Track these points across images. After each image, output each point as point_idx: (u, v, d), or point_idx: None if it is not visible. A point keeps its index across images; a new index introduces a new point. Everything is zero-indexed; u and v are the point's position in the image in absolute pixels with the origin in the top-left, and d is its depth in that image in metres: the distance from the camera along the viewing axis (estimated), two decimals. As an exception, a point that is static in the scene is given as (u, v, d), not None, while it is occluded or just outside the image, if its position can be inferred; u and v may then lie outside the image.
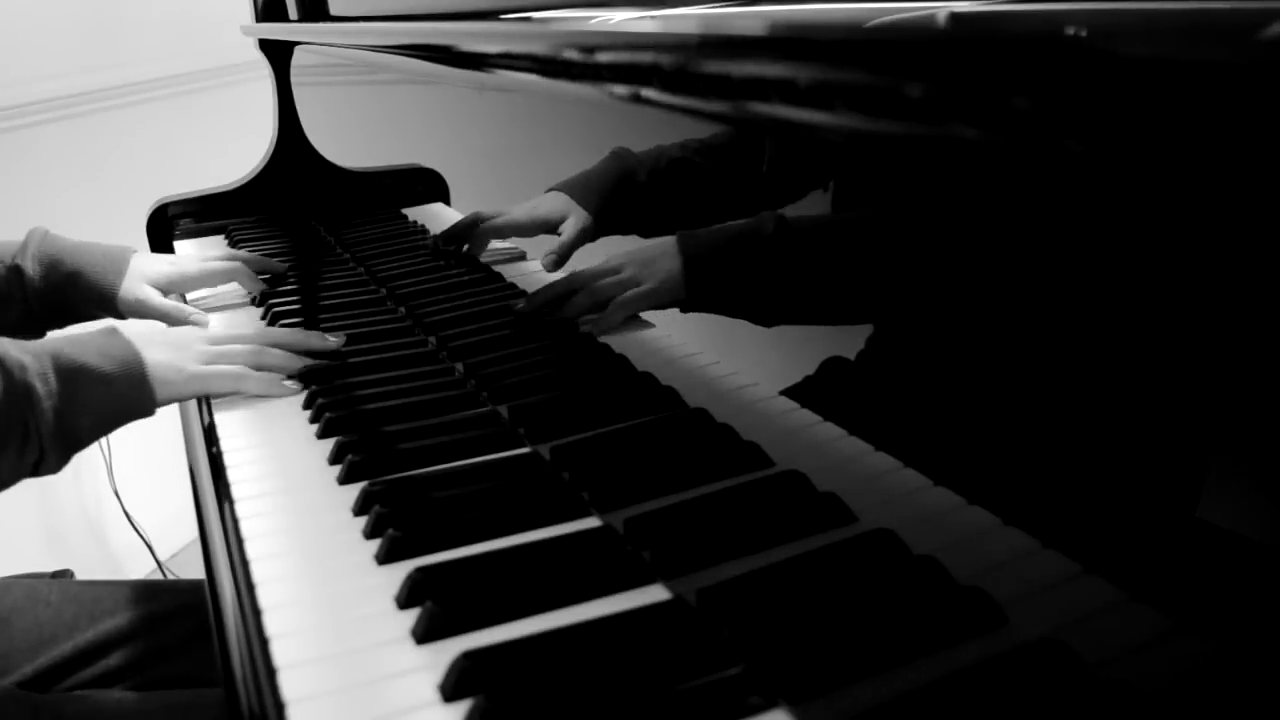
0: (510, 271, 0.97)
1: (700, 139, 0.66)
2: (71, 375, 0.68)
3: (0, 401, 0.65)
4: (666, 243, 0.71)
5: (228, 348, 0.78)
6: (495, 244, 1.01)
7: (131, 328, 0.78)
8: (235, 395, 0.77)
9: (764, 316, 0.63)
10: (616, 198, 0.77)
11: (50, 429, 0.67)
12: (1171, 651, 0.39)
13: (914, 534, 0.49)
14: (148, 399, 0.73)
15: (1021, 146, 0.37)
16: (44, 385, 0.67)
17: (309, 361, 0.80)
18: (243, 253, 1.10)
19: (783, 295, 0.60)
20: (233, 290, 1.06)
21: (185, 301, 1.04)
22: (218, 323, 0.99)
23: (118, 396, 0.71)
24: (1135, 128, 0.29)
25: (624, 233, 0.80)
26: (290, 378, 0.78)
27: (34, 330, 1.00)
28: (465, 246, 1.03)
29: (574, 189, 0.83)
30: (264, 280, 1.06)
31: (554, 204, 0.85)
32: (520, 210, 0.93)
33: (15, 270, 0.97)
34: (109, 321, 0.85)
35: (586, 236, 0.83)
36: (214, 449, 0.71)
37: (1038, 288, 0.44)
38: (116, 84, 1.92)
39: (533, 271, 0.97)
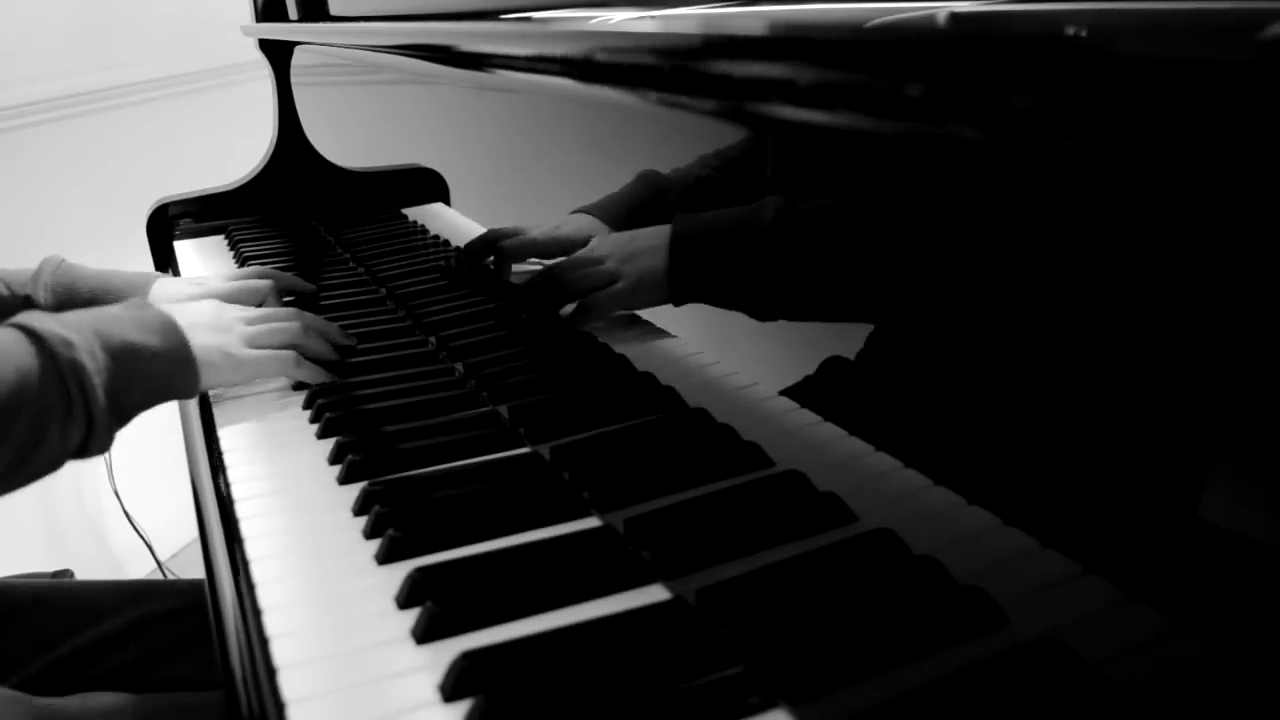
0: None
1: (716, 151, 0.65)
2: (118, 351, 0.66)
3: (39, 383, 0.62)
4: (655, 236, 0.68)
5: (272, 326, 0.77)
6: (516, 265, 0.95)
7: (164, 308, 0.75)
8: (247, 389, 0.77)
9: (759, 310, 0.61)
10: (646, 218, 0.73)
11: (102, 406, 0.65)
12: (1171, 651, 0.39)
13: (914, 534, 0.49)
14: (193, 378, 0.71)
15: (1021, 146, 0.37)
16: (93, 361, 0.64)
17: (334, 353, 0.80)
18: (271, 270, 1.04)
19: (778, 289, 0.59)
20: None
21: None
22: None
23: (167, 372, 0.69)
24: (1135, 128, 0.29)
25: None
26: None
27: None
28: (489, 260, 0.97)
29: (599, 209, 0.79)
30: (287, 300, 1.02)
31: (578, 224, 0.81)
32: (540, 231, 0.87)
33: (25, 301, 0.93)
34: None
35: None
36: (214, 449, 0.71)
37: (1038, 287, 0.44)
38: (116, 84, 1.92)
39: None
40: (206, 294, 0.95)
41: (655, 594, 0.49)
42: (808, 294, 0.58)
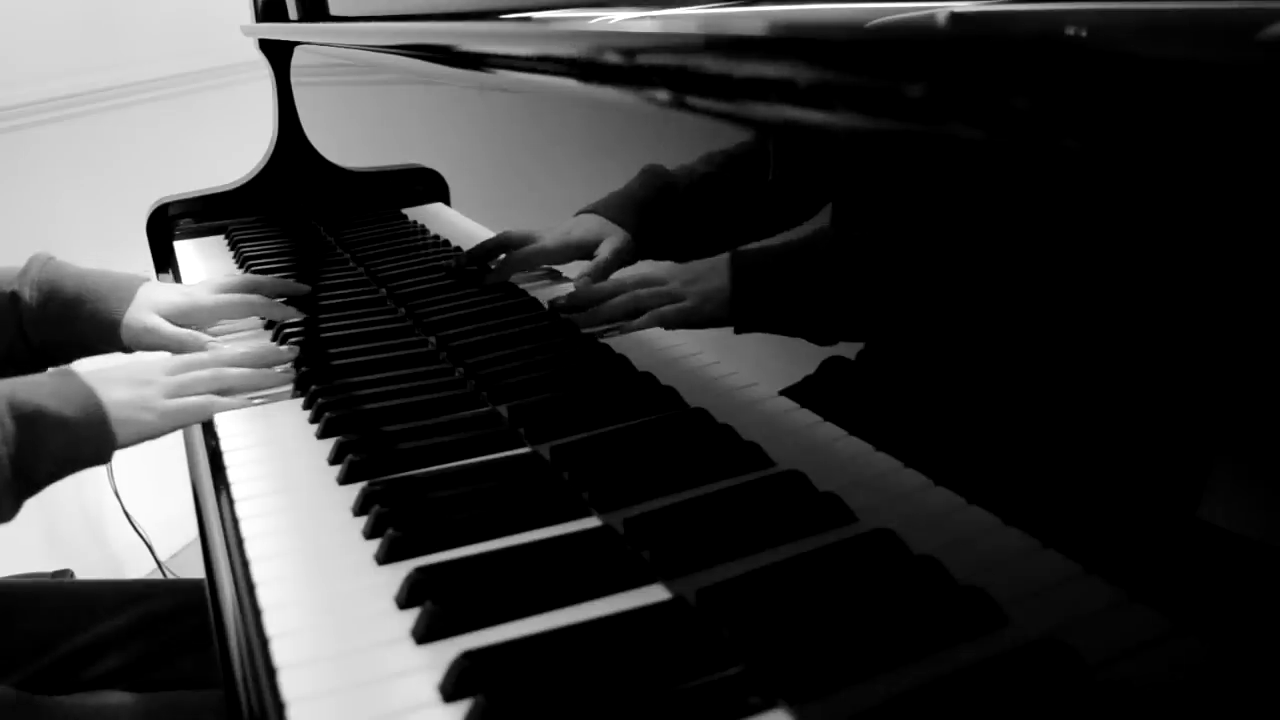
0: (542, 293, 0.94)
1: (723, 150, 0.64)
2: (29, 420, 0.66)
3: None
4: (717, 260, 0.69)
5: (190, 376, 0.76)
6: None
7: (88, 365, 0.75)
8: None
9: (821, 335, 0.61)
10: (655, 213, 0.72)
11: (6, 478, 0.65)
12: (1171, 651, 0.39)
13: (914, 534, 0.49)
14: (107, 442, 0.71)
15: (1021, 146, 0.37)
16: (0, 432, 0.65)
17: (275, 373, 0.80)
18: (261, 278, 1.02)
19: (838, 311, 0.59)
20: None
21: None
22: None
23: (76, 441, 0.69)
24: (1135, 128, 0.29)
25: (662, 256, 0.75)
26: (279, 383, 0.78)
27: (30, 365, 0.94)
28: (492, 266, 0.95)
29: (608, 208, 0.78)
30: (284, 303, 0.99)
31: (588, 226, 0.79)
32: (551, 237, 0.85)
33: (11, 298, 0.91)
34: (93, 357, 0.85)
35: (624, 257, 0.77)
36: (214, 449, 0.71)
37: (1038, 288, 0.44)
38: (116, 84, 1.92)
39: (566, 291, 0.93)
40: (193, 305, 0.94)
41: (655, 594, 0.49)
42: (854, 311, 0.57)
